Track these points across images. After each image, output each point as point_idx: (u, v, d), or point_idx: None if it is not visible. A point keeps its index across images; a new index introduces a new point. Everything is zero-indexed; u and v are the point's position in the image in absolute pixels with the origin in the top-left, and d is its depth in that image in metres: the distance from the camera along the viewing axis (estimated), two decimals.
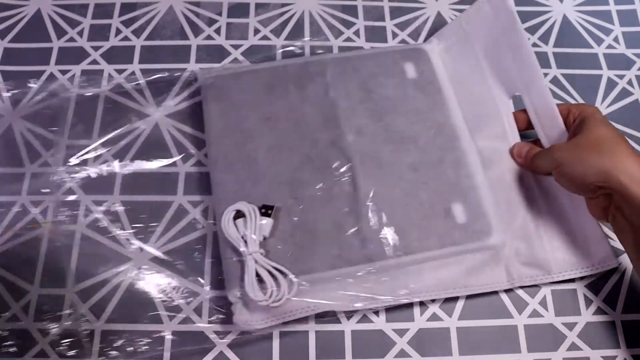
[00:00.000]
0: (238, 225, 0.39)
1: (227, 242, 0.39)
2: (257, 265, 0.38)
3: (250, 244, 0.38)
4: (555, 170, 0.40)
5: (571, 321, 0.41)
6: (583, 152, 0.38)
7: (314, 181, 0.41)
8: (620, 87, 0.50)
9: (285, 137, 0.43)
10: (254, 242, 0.38)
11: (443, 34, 0.48)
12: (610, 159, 0.36)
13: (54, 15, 0.51)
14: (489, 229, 0.40)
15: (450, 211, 0.41)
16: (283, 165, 0.42)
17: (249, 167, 0.42)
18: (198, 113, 0.47)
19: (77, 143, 0.46)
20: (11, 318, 0.40)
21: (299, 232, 0.40)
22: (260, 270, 0.38)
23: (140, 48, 0.50)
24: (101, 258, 0.42)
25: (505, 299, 0.42)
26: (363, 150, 0.43)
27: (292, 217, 0.40)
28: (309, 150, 0.43)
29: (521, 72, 0.43)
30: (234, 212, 0.40)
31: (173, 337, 0.39)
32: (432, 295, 0.40)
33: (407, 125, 0.44)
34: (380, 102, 0.45)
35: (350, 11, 0.53)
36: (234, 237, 0.39)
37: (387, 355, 0.39)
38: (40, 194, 0.44)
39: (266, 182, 0.41)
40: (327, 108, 0.44)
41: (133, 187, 0.44)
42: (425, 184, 0.42)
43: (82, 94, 0.48)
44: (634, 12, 0.55)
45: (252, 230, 0.38)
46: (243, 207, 0.39)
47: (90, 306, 0.40)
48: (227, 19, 0.52)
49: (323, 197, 0.41)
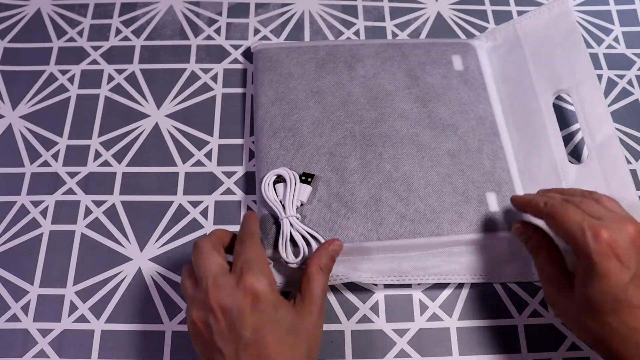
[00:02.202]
0: (277, 189, 0.40)
1: (264, 205, 0.41)
2: (292, 228, 0.39)
3: (288, 207, 0.39)
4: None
5: None
6: (583, 316, 0.32)
7: (354, 156, 0.43)
8: (620, 87, 0.50)
9: (330, 111, 0.45)
10: (291, 206, 0.39)
11: (492, 33, 0.50)
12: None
13: (53, 15, 0.51)
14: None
15: (484, 199, 0.42)
16: (326, 137, 0.44)
17: (293, 136, 0.44)
18: (197, 112, 0.47)
19: (77, 143, 0.46)
20: (11, 318, 0.40)
21: (335, 203, 0.41)
22: (294, 233, 0.39)
23: (140, 48, 0.50)
24: (101, 258, 0.42)
25: (505, 299, 0.42)
26: (405, 133, 0.44)
27: (330, 188, 0.42)
28: (352, 127, 0.44)
29: (573, 71, 0.45)
30: (274, 177, 0.41)
31: (173, 336, 0.39)
32: (460, 279, 0.41)
33: (449, 114, 0.45)
34: (426, 90, 0.46)
35: (350, 11, 0.53)
36: (272, 200, 0.40)
37: (387, 355, 0.39)
38: (40, 193, 0.44)
39: (308, 151, 0.43)
40: (374, 89, 0.46)
41: (133, 187, 0.44)
42: (461, 171, 0.43)
43: (82, 94, 0.48)
44: (634, 12, 0.55)
45: (291, 195, 0.40)
46: (284, 172, 0.41)
47: (90, 306, 0.40)
48: (227, 19, 0.52)
49: (362, 172, 0.43)
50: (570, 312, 0.33)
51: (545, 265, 0.36)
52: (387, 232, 0.41)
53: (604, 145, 0.42)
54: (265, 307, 0.31)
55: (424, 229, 0.41)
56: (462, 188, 0.42)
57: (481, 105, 0.46)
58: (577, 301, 0.32)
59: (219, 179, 0.45)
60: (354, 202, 0.41)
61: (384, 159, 0.43)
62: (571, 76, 0.45)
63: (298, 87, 0.46)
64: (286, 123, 0.44)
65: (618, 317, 0.31)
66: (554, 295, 0.35)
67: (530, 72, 0.47)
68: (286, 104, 0.45)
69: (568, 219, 0.32)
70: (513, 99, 0.47)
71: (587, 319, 0.32)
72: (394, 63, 0.48)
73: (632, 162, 0.47)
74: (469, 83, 0.47)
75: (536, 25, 0.48)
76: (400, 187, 0.42)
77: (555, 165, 0.43)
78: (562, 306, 0.34)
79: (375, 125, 0.45)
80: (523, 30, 0.48)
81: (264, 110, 0.45)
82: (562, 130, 0.47)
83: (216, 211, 0.44)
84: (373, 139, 0.44)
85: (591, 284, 0.31)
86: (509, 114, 0.47)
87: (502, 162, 0.44)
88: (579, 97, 0.44)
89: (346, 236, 0.40)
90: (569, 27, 0.46)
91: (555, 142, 0.44)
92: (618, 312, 0.31)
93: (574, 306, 0.33)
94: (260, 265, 0.33)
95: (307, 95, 0.46)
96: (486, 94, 0.47)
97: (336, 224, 0.41)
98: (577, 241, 0.32)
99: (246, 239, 0.35)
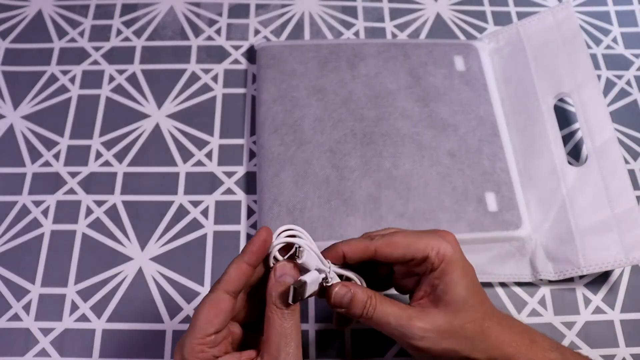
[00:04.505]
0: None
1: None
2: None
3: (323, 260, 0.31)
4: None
5: (570, 320, 0.41)
6: (447, 340, 0.30)
7: (355, 154, 0.44)
8: (619, 88, 0.51)
9: (332, 109, 0.45)
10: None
11: (495, 35, 0.50)
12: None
13: (55, 16, 0.51)
14: (519, 221, 0.42)
15: (483, 199, 0.42)
16: (327, 135, 0.44)
17: (294, 133, 0.44)
18: (198, 113, 0.47)
19: (78, 143, 0.46)
20: (13, 317, 0.40)
21: (335, 200, 0.42)
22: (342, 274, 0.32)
23: (141, 48, 0.50)
24: (102, 258, 0.42)
25: (504, 298, 0.42)
26: (405, 132, 0.45)
27: (330, 185, 0.42)
28: (353, 125, 0.45)
29: (574, 75, 0.45)
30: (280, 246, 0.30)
31: (174, 336, 0.40)
32: None
33: (450, 114, 0.46)
34: (427, 89, 0.47)
35: (350, 12, 0.53)
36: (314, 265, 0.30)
37: (386, 354, 0.40)
38: (41, 193, 0.44)
39: (309, 148, 0.44)
40: (375, 88, 0.46)
41: (134, 187, 0.44)
42: (461, 171, 0.43)
43: (83, 94, 0.48)
44: (632, 12, 0.55)
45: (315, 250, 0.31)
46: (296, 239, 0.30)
47: (91, 305, 0.40)
48: (227, 19, 0.52)
49: (362, 169, 0.43)
50: (443, 330, 0.30)
51: (389, 308, 0.31)
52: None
53: (603, 148, 0.42)
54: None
55: (423, 228, 0.41)
56: (462, 187, 0.43)
57: (482, 106, 0.47)
58: (446, 316, 0.30)
59: (219, 179, 0.45)
60: (353, 199, 0.42)
61: (384, 157, 0.43)
62: (573, 79, 0.45)
63: (300, 84, 0.46)
64: (288, 120, 0.45)
65: (486, 307, 0.32)
66: (425, 327, 0.30)
67: (532, 74, 0.47)
68: (288, 101, 0.45)
69: (400, 243, 0.31)
70: (514, 101, 0.47)
71: (462, 322, 0.30)
72: (396, 63, 0.48)
73: (630, 162, 0.47)
74: (470, 84, 0.47)
75: (539, 29, 0.48)
76: (399, 185, 0.42)
77: (554, 167, 0.43)
78: (436, 330, 0.30)
79: (376, 123, 0.45)
80: (526, 32, 0.48)
81: (266, 107, 0.45)
82: (563, 130, 0.47)
83: (217, 211, 0.44)
84: (374, 137, 0.44)
85: (460, 283, 0.30)
86: (509, 115, 0.47)
87: (501, 163, 0.44)
88: (580, 100, 0.44)
89: (345, 233, 0.40)
90: (572, 31, 0.46)
91: (555, 144, 0.44)
92: (485, 302, 0.32)
93: (444, 320, 0.30)
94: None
95: (309, 92, 0.46)
96: (487, 95, 0.47)
97: (335, 221, 0.41)
98: (426, 255, 0.30)
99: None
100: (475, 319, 0.31)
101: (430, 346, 0.30)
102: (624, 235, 0.40)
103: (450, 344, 0.30)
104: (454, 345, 0.30)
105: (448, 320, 0.30)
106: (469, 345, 0.31)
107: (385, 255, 0.31)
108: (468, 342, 0.31)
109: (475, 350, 0.31)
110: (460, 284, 0.31)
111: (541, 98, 0.46)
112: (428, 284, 0.31)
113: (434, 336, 0.30)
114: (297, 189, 0.42)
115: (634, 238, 0.40)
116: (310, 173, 0.43)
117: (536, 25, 0.48)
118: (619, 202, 0.41)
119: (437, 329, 0.30)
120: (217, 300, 0.28)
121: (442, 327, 0.30)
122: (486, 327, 0.31)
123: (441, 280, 0.31)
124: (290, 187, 0.42)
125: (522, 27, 0.49)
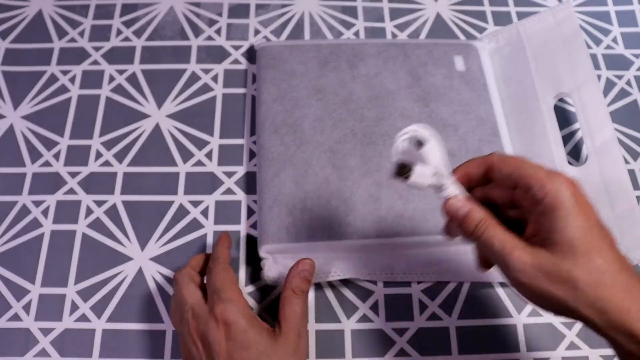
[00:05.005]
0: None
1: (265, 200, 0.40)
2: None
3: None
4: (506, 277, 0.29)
5: (570, 320, 0.41)
6: (549, 282, 0.27)
7: (354, 154, 0.44)
8: (619, 88, 0.51)
9: (332, 109, 0.45)
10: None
11: (495, 35, 0.50)
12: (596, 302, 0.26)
13: (55, 16, 0.51)
14: None
15: None
16: (327, 135, 0.44)
17: (294, 133, 0.44)
18: (198, 113, 0.47)
19: (78, 143, 0.46)
20: (13, 317, 0.40)
21: (334, 200, 0.42)
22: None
23: (141, 48, 0.50)
24: (102, 257, 0.42)
25: (504, 299, 0.42)
26: None
27: (330, 185, 0.42)
28: (353, 125, 0.45)
29: (574, 75, 0.45)
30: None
31: (174, 335, 0.40)
32: (459, 278, 0.41)
33: (450, 114, 0.46)
34: (427, 89, 0.47)
35: (350, 12, 0.53)
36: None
37: (386, 354, 0.40)
38: (41, 193, 0.44)
39: (309, 148, 0.44)
40: (375, 88, 0.46)
41: (134, 187, 0.44)
42: None
43: (83, 94, 0.48)
44: (632, 12, 0.55)
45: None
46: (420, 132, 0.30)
47: (91, 305, 0.40)
48: (227, 19, 0.52)
49: (362, 169, 0.43)
50: (545, 269, 0.27)
51: (499, 232, 0.29)
52: (386, 230, 0.41)
53: (603, 148, 0.42)
54: (236, 334, 0.32)
55: (423, 228, 0.41)
56: None
57: (482, 106, 0.47)
58: (549, 268, 0.27)
59: (219, 179, 0.45)
60: (353, 199, 0.42)
61: (384, 157, 0.43)
62: (573, 79, 0.45)
63: (300, 84, 0.46)
64: (288, 120, 0.45)
65: (606, 256, 0.27)
66: (525, 261, 0.28)
67: (532, 74, 0.47)
68: (288, 101, 0.45)
69: (513, 163, 0.30)
70: (514, 101, 0.47)
71: (571, 268, 0.27)
72: (396, 63, 0.48)
73: (630, 162, 0.47)
74: (470, 84, 0.47)
75: (539, 29, 0.48)
76: (399, 185, 0.42)
77: (554, 167, 0.43)
78: (537, 268, 0.27)
79: (376, 123, 0.45)
80: (526, 33, 0.48)
81: (266, 107, 0.45)
82: (563, 130, 0.47)
83: (217, 211, 0.44)
84: (374, 137, 0.44)
85: (570, 223, 0.27)
86: (509, 115, 0.47)
87: None
88: (580, 100, 0.44)
89: (345, 233, 0.40)
90: (572, 31, 0.47)
91: (555, 144, 0.44)
92: (605, 250, 0.27)
93: (549, 261, 0.27)
94: (227, 293, 0.34)
95: (309, 92, 0.46)
96: (487, 95, 0.47)
97: (335, 221, 0.41)
98: (529, 184, 0.29)
99: (213, 266, 0.36)
100: (589, 269, 0.27)
101: (528, 282, 0.27)
102: (624, 235, 0.40)
103: (553, 288, 0.27)
104: (557, 290, 0.27)
105: (554, 262, 0.27)
106: (577, 297, 0.27)
107: (497, 169, 0.30)
108: (577, 293, 0.27)
109: (587, 307, 0.27)
110: (569, 224, 0.27)
111: (541, 98, 0.46)
112: (535, 220, 0.29)
113: (534, 273, 0.27)
114: (297, 189, 0.42)
115: (634, 238, 0.40)
116: (310, 173, 0.43)
117: (536, 25, 0.48)
118: (619, 202, 0.41)
119: (539, 267, 0.27)
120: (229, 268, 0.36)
121: (545, 265, 0.27)
122: (605, 283, 0.26)
123: (546, 217, 0.28)
124: (290, 187, 0.42)
125: (522, 27, 0.49)
